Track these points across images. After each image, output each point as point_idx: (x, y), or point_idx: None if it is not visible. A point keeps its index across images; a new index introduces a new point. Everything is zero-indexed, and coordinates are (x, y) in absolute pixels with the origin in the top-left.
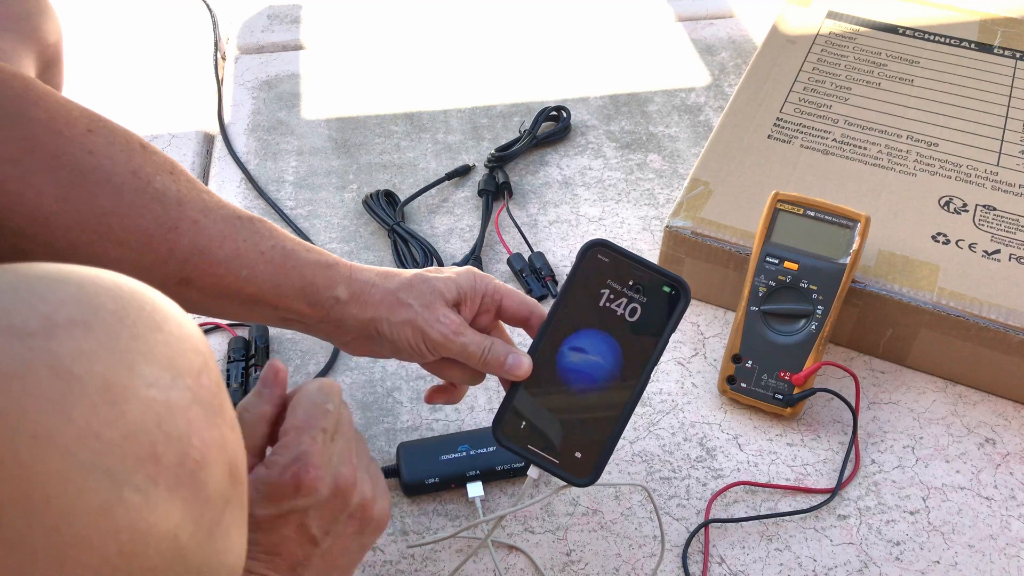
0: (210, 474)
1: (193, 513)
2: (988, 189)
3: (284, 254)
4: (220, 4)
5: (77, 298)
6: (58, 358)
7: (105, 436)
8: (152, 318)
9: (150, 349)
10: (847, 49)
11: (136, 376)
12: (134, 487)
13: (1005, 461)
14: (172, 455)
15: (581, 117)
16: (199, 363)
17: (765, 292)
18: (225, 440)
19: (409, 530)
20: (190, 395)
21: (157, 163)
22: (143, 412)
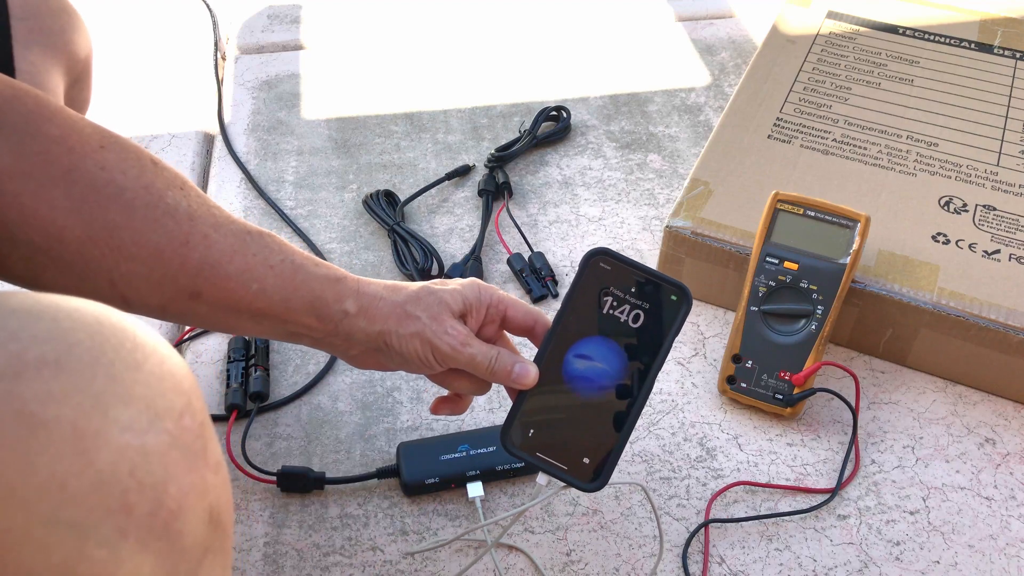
0: (186, 523)
1: (167, 566)
2: (988, 189)
3: (293, 268)
4: (220, 4)
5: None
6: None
7: (71, 487)
8: (132, 356)
9: (127, 391)
10: (847, 49)
11: (110, 420)
12: (100, 541)
13: (1005, 461)
14: (145, 505)
15: (581, 117)
16: (181, 403)
17: (765, 292)
18: (206, 485)
19: (409, 530)
20: (168, 439)
21: (168, 179)
22: (115, 459)
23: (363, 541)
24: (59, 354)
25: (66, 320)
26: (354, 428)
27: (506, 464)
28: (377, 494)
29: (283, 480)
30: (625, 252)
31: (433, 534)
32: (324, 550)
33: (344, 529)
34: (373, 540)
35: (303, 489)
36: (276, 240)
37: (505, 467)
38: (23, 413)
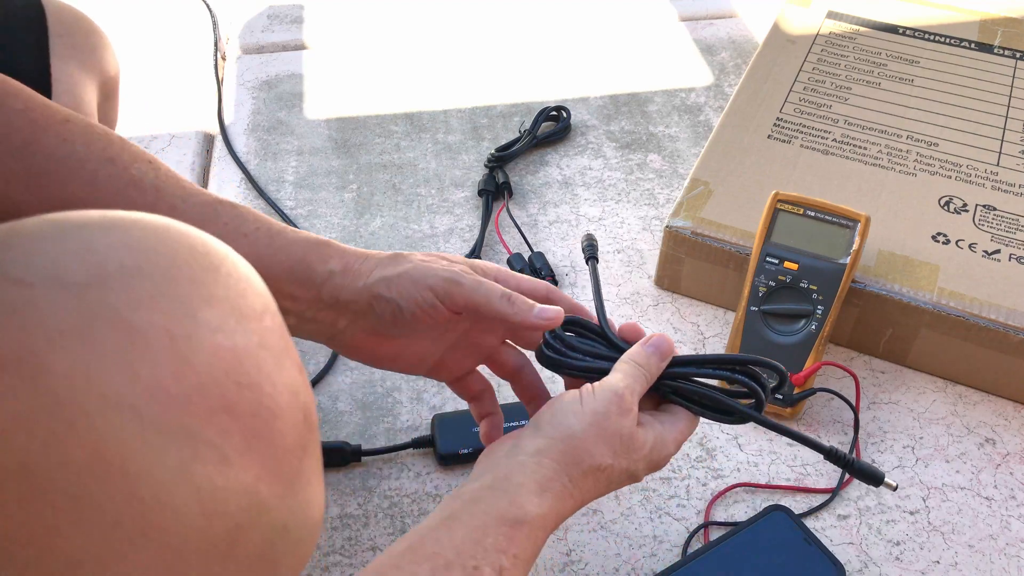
0: (286, 422)
1: (272, 465)
2: (988, 189)
3: (270, 235)
4: (220, 4)
5: (125, 244)
6: (115, 310)
7: (174, 391)
8: (207, 259)
9: (210, 292)
10: (847, 49)
11: (199, 323)
12: (209, 442)
13: (1005, 461)
14: (245, 405)
15: (581, 117)
16: (260, 304)
17: (765, 292)
18: (296, 385)
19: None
20: (257, 339)
21: (135, 153)
22: (211, 361)
23: (363, 541)
24: (138, 261)
25: (135, 230)
26: (354, 428)
27: None
28: (377, 494)
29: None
30: (625, 252)
31: None
32: (324, 550)
33: (344, 529)
34: (373, 540)
35: (340, 463)
36: (250, 211)
37: None
38: (117, 321)
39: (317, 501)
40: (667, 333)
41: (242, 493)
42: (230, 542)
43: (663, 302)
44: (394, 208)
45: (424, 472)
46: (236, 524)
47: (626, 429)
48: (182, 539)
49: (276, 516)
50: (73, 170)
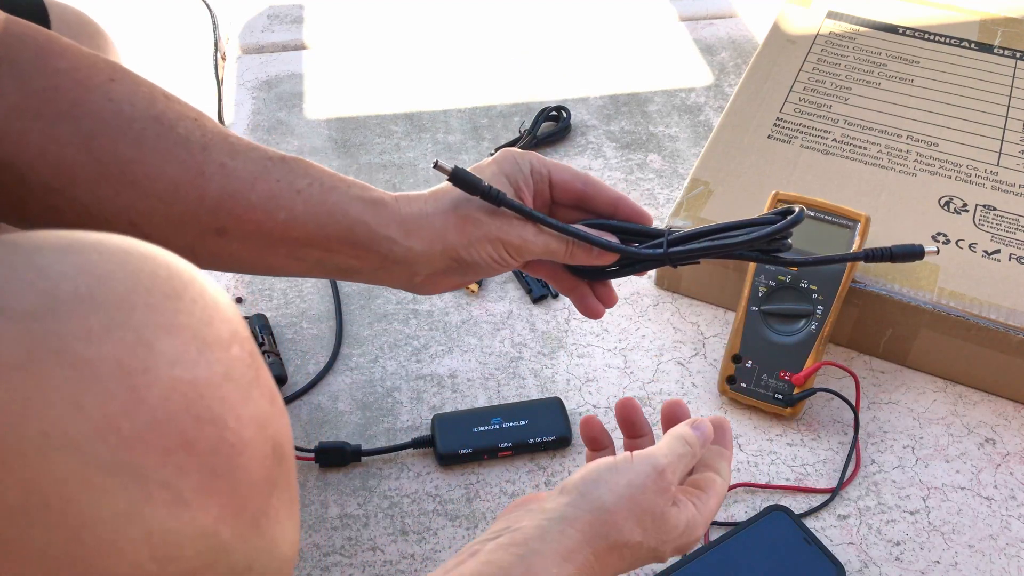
0: (250, 458)
1: (234, 504)
2: (988, 189)
3: (323, 191)
4: (220, 4)
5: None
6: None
7: (125, 428)
8: (169, 285)
9: (170, 321)
10: (847, 49)
11: (156, 354)
12: (163, 483)
13: (1005, 461)
14: (205, 442)
15: (581, 117)
16: (228, 332)
17: (765, 292)
18: (264, 417)
19: (409, 530)
20: (221, 369)
21: (180, 111)
22: (167, 396)
23: (363, 541)
24: (92, 288)
25: (93, 253)
26: (354, 428)
27: (537, 438)
28: (377, 494)
29: (321, 456)
30: None
31: (433, 534)
32: (324, 550)
33: (344, 529)
34: (373, 540)
35: (340, 463)
36: (303, 163)
37: (536, 440)
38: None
39: (287, 537)
40: (667, 332)
41: (199, 536)
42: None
43: (663, 302)
44: None
45: (424, 472)
46: (191, 569)
47: (660, 508)
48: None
49: (238, 558)
50: (121, 130)
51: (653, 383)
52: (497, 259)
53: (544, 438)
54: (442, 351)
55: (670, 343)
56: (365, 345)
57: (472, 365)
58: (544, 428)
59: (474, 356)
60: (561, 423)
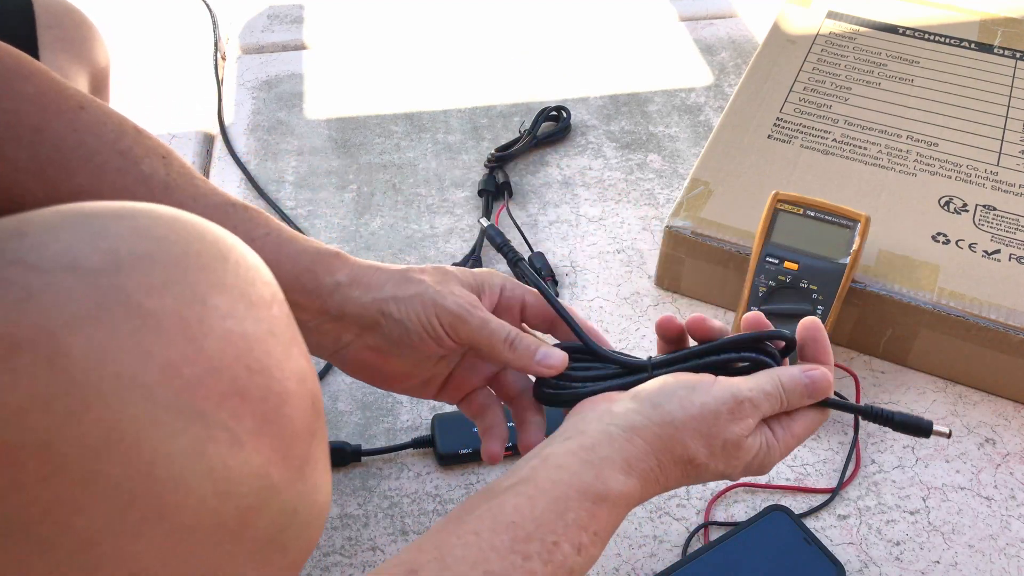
0: (295, 408)
1: (282, 449)
2: (988, 189)
3: (279, 242)
4: (220, 4)
5: (136, 231)
6: (128, 294)
7: (187, 373)
8: (216, 248)
9: (220, 280)
10: (847, 49)
11: (210, 308)
12: (221, 424)
13: (1005, 461)
14: (256, 390)
15: (581, 117)
16: (269, 293)
17: (765, 292)
18: (304, 372)
19: (409, 530)
20: (266, 326)
21: (149, 146)
22: (222, 346)
23: (363, 541)
24: (149, 248)
25: (145, 218)
26: (354, 428)
27: None
28: (377, 494)
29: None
30: (625, 252)
31: None
32: (324, 550)
33: (344, 529)
34: (373, 540)
35: (340, 463)
36: (262, 215)
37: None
38: (130, 304)
39: (325, 486)
40: None
41: (254, 476)
42: (241, 523)
43: (663, 302)
44: (394, 208)
45: (424, 472)
46: (248, 506)
47: (733, 435)
48: (195, 519)
49: (286, 499)
50: (81, 161)
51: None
52: (425, 324)
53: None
54: None
55: None
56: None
57: None
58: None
59: None
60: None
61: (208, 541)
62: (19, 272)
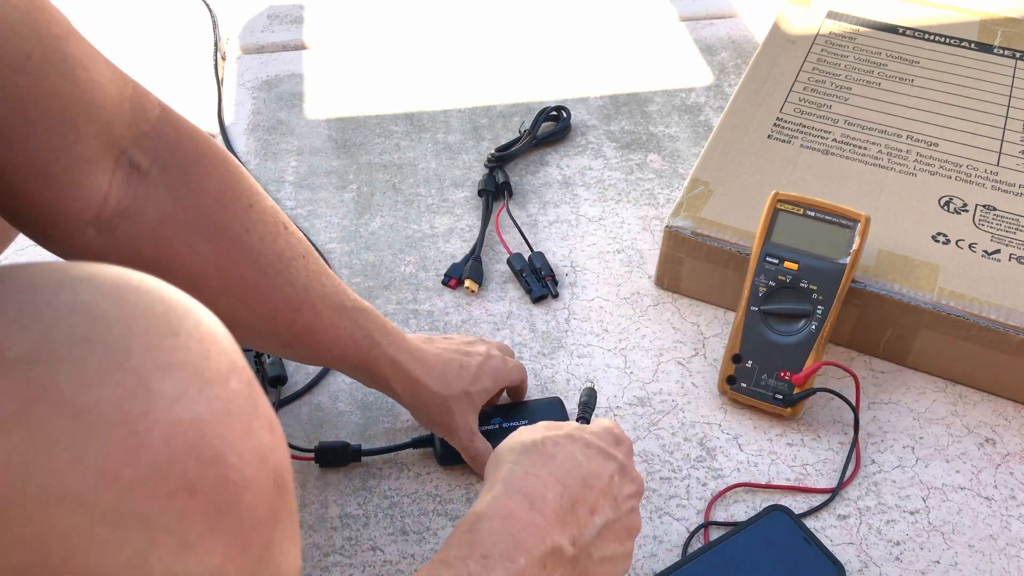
0: (254, 494)
1: (240, 543)
2: (988, 189)
3: (370, 346)
4: (220, 4)
5: (75, 308)
6: (61, 388)
7: (127, 476)
8: (165, 320)
9: (168, 360)
10: (847, 49)
11: (155, 395)
12: (167, 528)
13: (1005, 461)
14: (208, 482)
15: (581, 117)
16: (226, 364)
17: (765, 292)
18: (265, 449)
19: (409, 530)
20: (220, 405)
21: (295, 247)
22: (168, 438)
23: (363, 541)
24: (88, 330)
25: (87, 291)
26: (354, 428)
27: None
28: (377, 494)
29: (321, 456)
30: (625, 252)
31: (433, 534)
32: (324, 550)
33: (344, 529)
34: (373, 540)
35: (340, 463)
36: (364, 316)
37: None
38: (61, 402)
39: (292, 565)
40: (667, 332)
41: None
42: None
43: (663, 302)
44: (394, 208)
45: (424, 472)
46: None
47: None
48: None
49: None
50: (250, 260)
51: (653, 383)
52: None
53: None
54: None
55: (670, 343)
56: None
57: None
58: None
59: None
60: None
61: None
62: None
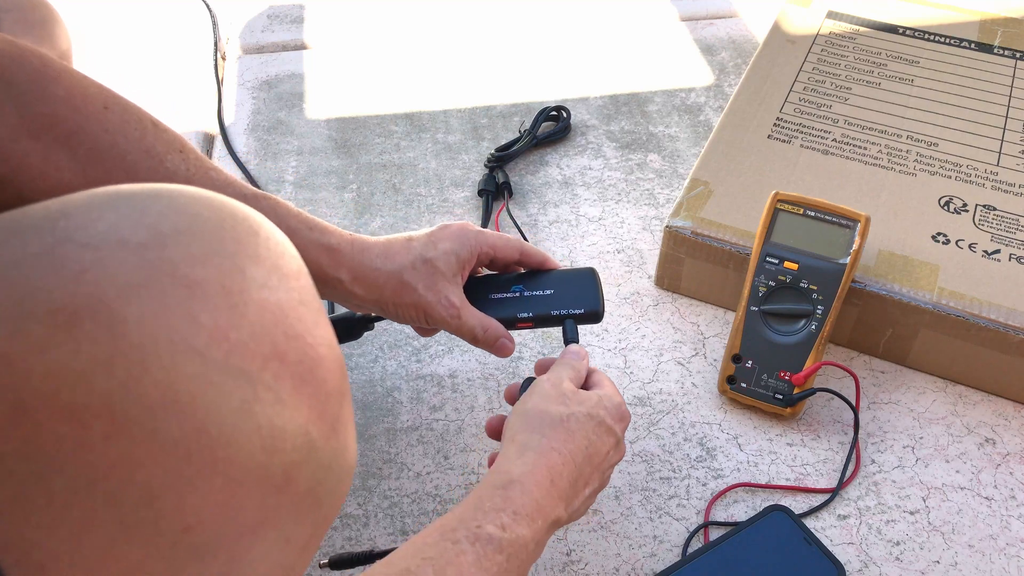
0: (327, 370)
1: (318, 408)
2: (988, 189)
3: (290, 232)
4: (220, 4)
5: (174, 209)
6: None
7: (233, 337)
8: (247, 223)
9: (254, 252)
10: (847, 49)
11: (248, 279)
12: (265, 385)
13: (1005, 461)
14: (293, 353)
15: (581, 117)
16: (296, 265)
17: (765, 292)
18: (331, 338)
19: (409, 530)
20: (296, 296)
21: (168, 141)
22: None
23: (363, 541)
24: (188, 223)
25: (179, 197)
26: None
27: (563, 310)
28: (377, 494)
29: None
30: (625, 252)
31: None
32: (324, 550)
33: (344, 529)
34: (373, 540)
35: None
36: (272, 203)
37: (561, 312)
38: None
39: (352, 444)
40: (667, 332)
41: (296, 432)
42: (286, 478)
43: (663, 302)
44: (394, 208)
45: (424, 472)
46: (291, 461)
47: (564, 388)
48: (245, 473)
49: (323, 455)
50: (116, 161)
51: (653, 383)
52: (415, 320)
53: (571, 311)
54: (442, 351)
55: (670, 343)
56: (365, 345)
57: (472, 365)
58: (572, 300)
59: (474, 356)
60: (592, 295)
61: (256, 494)
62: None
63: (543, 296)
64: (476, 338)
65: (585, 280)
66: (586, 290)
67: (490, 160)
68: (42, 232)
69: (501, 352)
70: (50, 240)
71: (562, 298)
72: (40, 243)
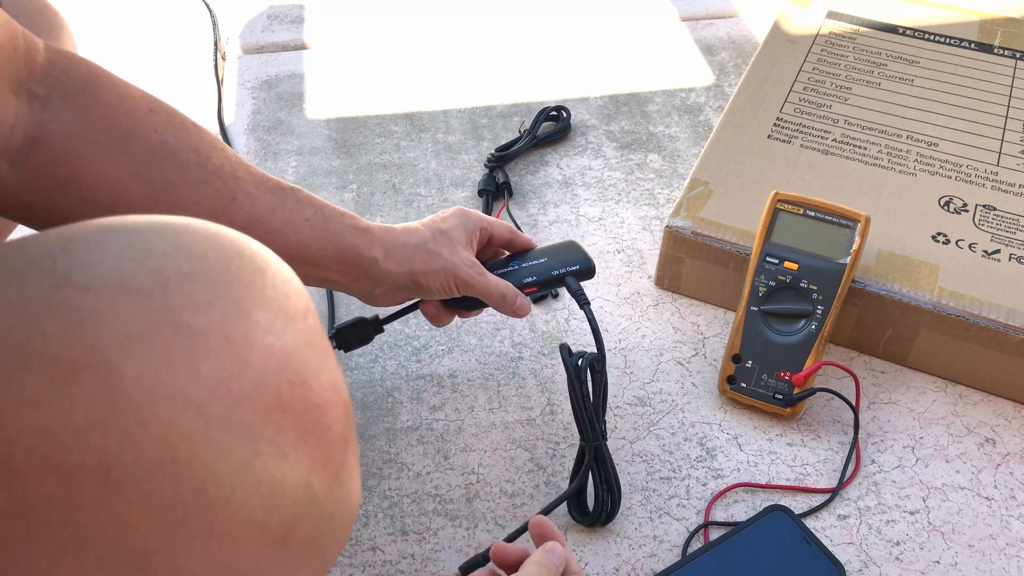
0: (332, 417)
1: (322, 458)
2: (988, 189)
3: (325, 220)
4: (220, 4)
5: (179, 249)
6: (177, 314)
7: (235, 390)
8: (254, 263)
9: (260, 295)
10: (847, 49)
11: (253, 324)
12: (267, 438)
13: (1005, 461)
14: (297, 403)
15: (581, 117)
16: (303, 305)
17: (765, 292)
18: (337, 381)
19: (409, 530)
20: (303, 338)
21: (210, 141)
22: (265, 361)
23: (363, 541)
24: (193, 266)
25: (186, 235)
26: None
27: (561, 269)
28: (377, 494)
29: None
30: (625, 252)
31: (433, 534)
32: None
33: None
34: (373, 540)
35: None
36: (305, 195)
37: (561, 272)
38: (179, 324)
39: (356, 488)
40: (667, 332)
41: (297, 486)
42: (286, 532)
43: (663, 302)
44: (394, 208)
45: (424, 472)
46: (292, 515)
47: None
48: (244, 532)
49: (324, 506)
50: (167, 159)
51: (653, 383)
52: (445, 287)
53: (569, 268)
54: (442, 351)
55: (670, 343)
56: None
57: (472, 365)
58: (566, 261)
59: (474, 356)
60: (582, 255)
61: (255, 550)
62: (71, 294)
63: (540, 263)
64: (503, 295)
65: (570, 246)
66: (575, 252)
67: (490, 160)
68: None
69: (520, 312)
70: (49, 283)
71: (557, 262)
72: (39, 286)
